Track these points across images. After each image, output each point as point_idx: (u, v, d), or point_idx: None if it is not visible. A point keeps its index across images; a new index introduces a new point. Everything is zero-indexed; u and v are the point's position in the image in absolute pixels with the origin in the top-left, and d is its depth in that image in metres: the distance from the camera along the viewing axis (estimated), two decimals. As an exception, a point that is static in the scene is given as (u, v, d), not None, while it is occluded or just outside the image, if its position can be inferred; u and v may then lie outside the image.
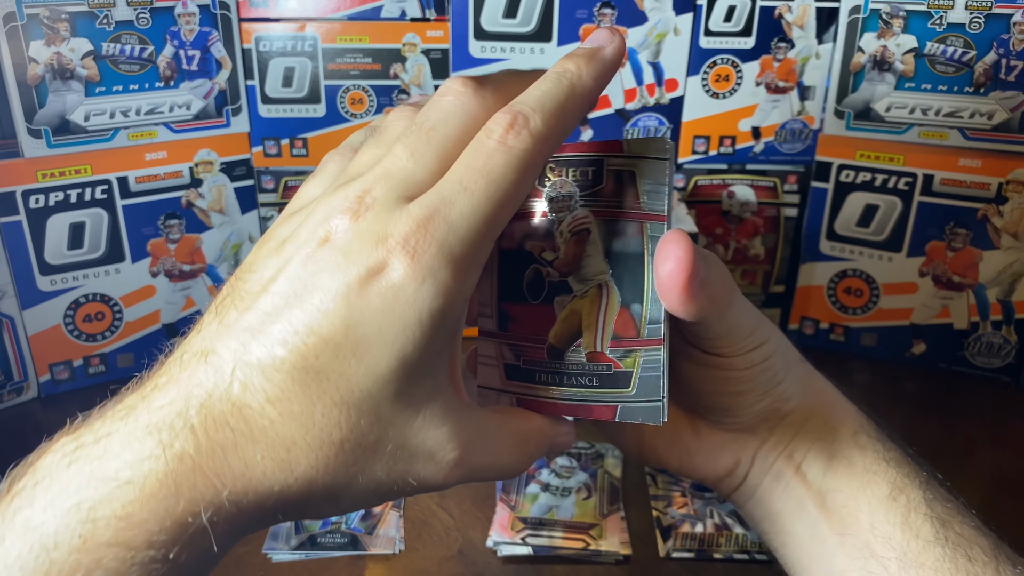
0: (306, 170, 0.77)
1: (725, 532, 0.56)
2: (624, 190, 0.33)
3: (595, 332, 0.34)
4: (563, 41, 0.73)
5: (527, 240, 0.34)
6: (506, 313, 0.34)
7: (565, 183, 0.34)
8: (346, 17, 0.72)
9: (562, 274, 0.34)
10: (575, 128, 0.34)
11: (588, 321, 0.34)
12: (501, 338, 0.35)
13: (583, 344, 0.34)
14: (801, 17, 0.74)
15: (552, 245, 0.34)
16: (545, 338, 0.34)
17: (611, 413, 0.34)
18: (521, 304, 0.34)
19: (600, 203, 0.33)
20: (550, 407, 0.34)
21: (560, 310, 0.34)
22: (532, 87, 0.30)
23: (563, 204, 0.34)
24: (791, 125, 0.78)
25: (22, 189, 0.66)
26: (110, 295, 0.72)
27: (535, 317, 0.34)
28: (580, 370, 0.34)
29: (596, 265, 0.33)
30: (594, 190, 0.33)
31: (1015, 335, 0.74)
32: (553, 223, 0.34)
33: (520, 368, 0.34)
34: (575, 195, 0.34)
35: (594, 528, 0.56)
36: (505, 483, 0.60)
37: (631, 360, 0.33)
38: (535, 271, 0.34)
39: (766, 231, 0.82)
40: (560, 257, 0.34)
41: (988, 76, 0.69)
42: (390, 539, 0.55)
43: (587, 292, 0.34)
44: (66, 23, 0.65)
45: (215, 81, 0.72)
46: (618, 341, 0.33)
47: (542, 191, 0.34)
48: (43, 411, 0.70)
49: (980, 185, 0.71)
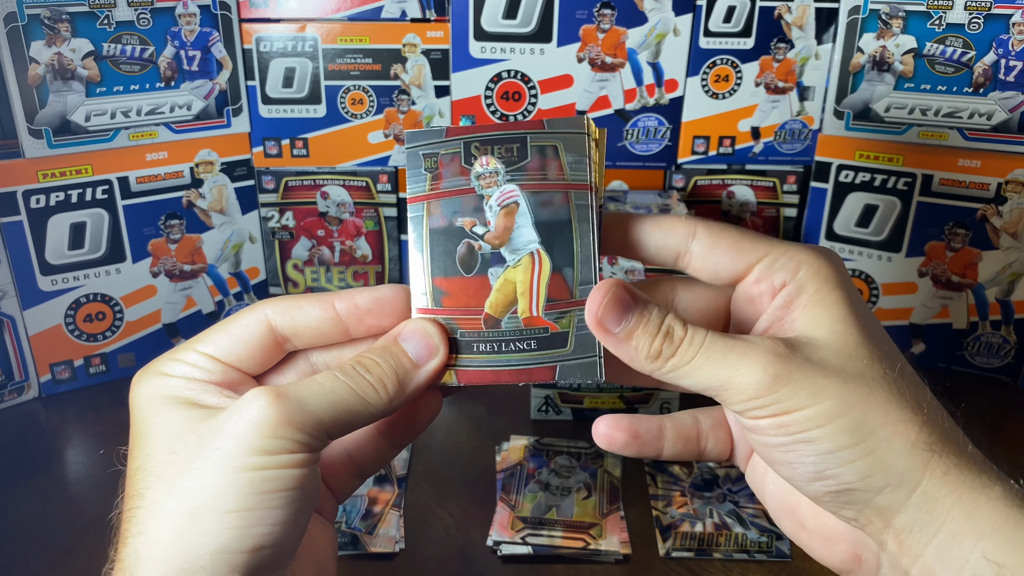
0: (306, 170, 0.77)
1: (724, 531, 0.56)
2: (548, 163, 0.35)
3: (530, 297, 0.35)
4: (563, 41, 0.73)
5: (456, 216, 0.36)
6: (439, 289, 0.36)
7: (491, 160, 0.36)
8: (346, 18, 0.72)
9: (494, 246, 0.36)
10: None
11: (523, 288, 0.35)
12: (436, 314, 0.36)
13: (519, 310, 0.35)
14: (800, 17, 0.74)
15: (482, 219, 0.36)
16: (481, 309, 0.35)
17: (551, 374, 0.35)
18: (454, 278, 0.36)
19: (526, 177, 0.36)
20: (492, 375, 0.36)
21: (495, 280, 0.36)
22: None
23: (490, 180, 0.36)
24: (790, 125, 0.78)
25: (23, 189, 0.66)
26: (111, 295, 0.73)
27: (470, 290, 0.36)
28: (518, 336, 0.35)
29: (527, 235, 0.35)
30: (519, 165, 0.36)
31: (1014, 335, 0.74)
32: (481, 198, 0.36)
33: (457, 340, 0.35)
34: (501, 171, 0.36)
35: (594, 528, 0.56)
36: (505, 483, 0.60)
37: (566, 320, 0.35)
38: (467, 245, 0.36)
39: (766, 231, 0.82)
40: (491, 230, 0.36)
41: (987, 76, 0.69)
42: (390, 539, 0.55)
43: (520, 261, 0.35)
44: (67, 23, 0.65)
45: (216, 81, 0.72)
46: (553, 304, 0.35)
47: (469, 170, 0.36)
48: (44, 411, 0.70)
49: (979, 185, 0.71)
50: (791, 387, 0.31)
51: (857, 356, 0.32)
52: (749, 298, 0.35)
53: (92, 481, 0.61)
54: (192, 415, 0.32)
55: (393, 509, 0.58)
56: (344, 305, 0.35)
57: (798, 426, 0.31)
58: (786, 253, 0.34)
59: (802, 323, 0.33)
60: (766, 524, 0.57)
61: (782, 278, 0.33)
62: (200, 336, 0.35)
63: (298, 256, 0.80)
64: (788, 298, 0.33)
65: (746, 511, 0.58)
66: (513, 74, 0.75)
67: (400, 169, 0.77)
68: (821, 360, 0.31)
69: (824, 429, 0.31)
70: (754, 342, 0.32)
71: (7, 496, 0.59)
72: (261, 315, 0.35)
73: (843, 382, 0.31)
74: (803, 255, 0.34)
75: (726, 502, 0.59)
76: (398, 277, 0.81)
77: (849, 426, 0.30)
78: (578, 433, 0.66)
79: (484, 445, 0.65)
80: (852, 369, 0.31)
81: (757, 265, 0.34)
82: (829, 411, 0.31)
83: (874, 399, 0.31)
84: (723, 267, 0.35)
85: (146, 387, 0.34)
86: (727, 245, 0.34)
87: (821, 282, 0.33)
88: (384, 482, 0.60)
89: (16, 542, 0.55)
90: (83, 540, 0.55)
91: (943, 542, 0.30)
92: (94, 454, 0.65)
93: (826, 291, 0.33)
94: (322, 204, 0.78)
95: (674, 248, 0.35)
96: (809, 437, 0.31)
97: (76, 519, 0.57)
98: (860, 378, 0.31)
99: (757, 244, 0.34)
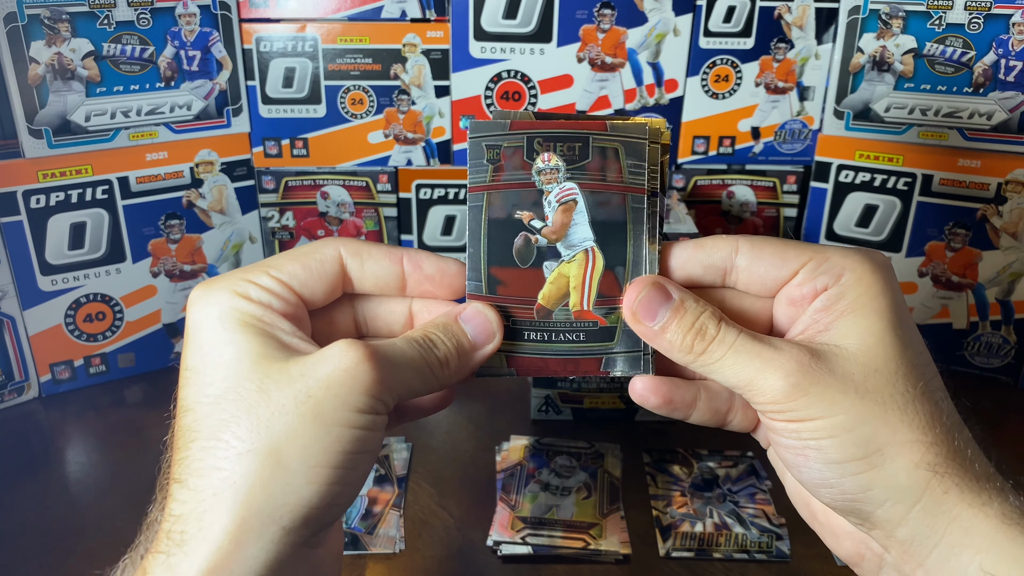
0: (306, 170, 0.77)
1: (724, 532, 0.56)
2: (608, 165, 0.37)
3: (582, 292, 0.37)
4: (563, 41, 0.73)
5: (516, 209, 0.37)
6: (495, 278, 0.37)
7: (552, 156, 0.37)
8: (346, 18, 0.72)
9: (550, 241, 0.37)
10: None
11: (576, 282, 0.37)
12: (490, 301, 0.37)
13: (570, 303, 0.37)
14: (800, 17, 0.74)
15: (540, 214, 0.37)
16: (534, 299, 0.37)
17: (596, 365, 0.37)
18: (510, 268, 0.37)
19: (586, 176, 0.37)
20: (540, 363, 0.37)
21: (549, 273, 0.37)
22: None
23: (551, 176, 0.37)
24: (790, 125, 0.78)
25: (23, 189, 0.66)
26: (111, 295, 0.73)
27: (524, 281, 0.37)
28: (568, 327, 0.37)
29: (582, 232, 0.37)
30: (580, 164, 0.37)
31: (1014, 335, 0.74)
32: (541, 193, 0.37)
33: (509, 328, 0.37)
34: (562, 168, 0.37)
35: (594, 528, 0.56)
36: (505, 483, 0.60)
37: (615, 316, 0.37)
38: (524, 238, 0.37)
39: (766, 231, 0.82)
40: (549, 225, 0.37)
41: (987, 76, 0.69)
42: (390, 539, 0.55)
43: (574, 256, 0.37)
44: (67, 23, 0.65)
45: (216, 81, 0.72)
46: (603, 300, 0.37)
47: (530, 164, 0.37)
48: (44, 411, 0.70)
49: (979, 185, 0.71)
50: (808, 398, 0.32)
51: (882, 372, 0.32)
52: (791, 299, 0.35)
53: (92, 481, 0.61)
54: (274, 349, 0.31)
55: (393, 509, 0.58)
56: (411, 265, 0.36)
57: (810, 434, 0.32)
58: (831, 257, 0.34)
59: (836, 330, 0.33)
60: (766, 524, 0.57)
61: (824, 281, 0.34)
62: (272, 261, 0.34)
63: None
64: (828, 302, 0.34)
65: (746, 511, 0.58)
66: (513, 74, 0.75)
67: (400, 169, 0.77)
68: (844, 373, 0.32)
69: (833, 440, 0.32)
70: (781, 349, 0.33)
71: (7, 496, 0.59)
72: (336, 252, 0.35)
73: (859, 398, 0.32)
74: (848, 260, 0.34)
75: (726, 502, 0.59)
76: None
77: (857, 440, 0.32)
78: (578, 433, 0.66)
79: (484, 445, 0.65)
80: (872, 385, 0.32)
81: (802, 268, 0.34)
82: (841, 424, 0.32)
83: (886, 417, 0.32)
84: (770, 276, 0.35)
85: (217, 306, 0.32)
86: (771, 254, 0.35)
87: (862, 289, 0.33)
88: (384, 482, 0.60)
89: (16, 542, 0.55)
90: (83, 540, 0.55)
91: (943, 553, 0.31)
92: (94, 454, 0.65)
93: (865, 299, 0.33)
94: (322, 204, 0.78)
95: (720, 266, 0.36)
96: (819, 446, 0.32)
97: (76, 519, 0.57)
98: (877, 395, 0.32)
99: (802, 249, 0.35)
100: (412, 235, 0.79)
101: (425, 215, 0.79)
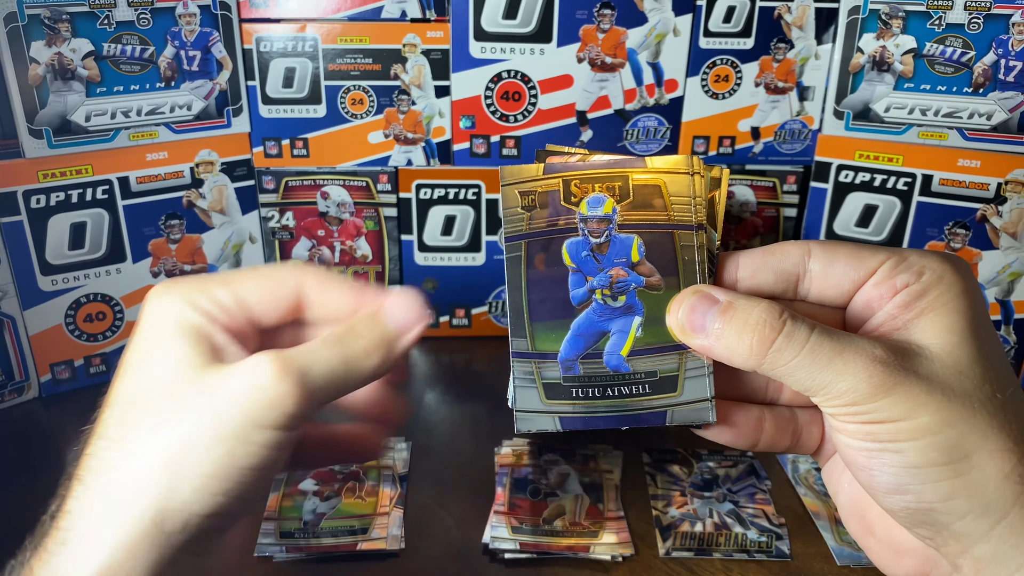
0: (306, 170, 0.77)
1: (724, 531, 0.56)
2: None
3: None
4: (563, 41, 0.73)
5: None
6: None
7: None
8: (346, 18, 0.72)
9: None
10: None
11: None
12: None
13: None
14: (800, 17, 0.74)
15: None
16: None
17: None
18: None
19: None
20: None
21: None
22: None
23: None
24: (790, 125, 0.78)
25: (23, 189, 0.66)
26: (111, 295, 0.73)
27: None
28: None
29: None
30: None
31: (1014, 335, 0.74)
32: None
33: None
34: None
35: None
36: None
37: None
38: None
39: (765, 231, 0.82)
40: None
41: (987, 76, 0.69)
42: (390, 539, 0.55)
43: None
44: (67, 23, 0.65)
45: (216, 81, 0.72)
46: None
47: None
48: (44, 411, 0.70)
49: (979, 185, 0.71)
50: (890, 399, 0.30)
51: (968, 374, 0.30)
52: (866, 300, 0.33)
53: (92, 481, 0.61)
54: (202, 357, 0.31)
55: (393, 509, 0.58)
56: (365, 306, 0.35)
57: (889, 436, 0.30)
58: (909, 256, 0.33)
59: (917, 328, 0.32)
60: (766, 524, 0.57)
61: (905, 279, 0.32)
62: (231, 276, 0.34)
63: (298, 256, 0.80)
64: (909, 299, 0.32)
65: (746, 511, 0.58)
66: (513, 74, 0.75)
67: (400, 169, 0.77)
68: (928, 373, 0.30)
69: (915, 443, 0.30)
70: (861, 347, 0.30)
71: (7, 496, 0.59)
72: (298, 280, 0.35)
73: (946, 399, 0.30)
74: (928, 259, 0.32)
75: (726, 502, 0.59)
76: (398, 278, 0.81)
77: (942, 445, 0.29)
78: (578, 433, 0.66)
79: (484, 445, 0.65)
80: (959, 387, 0.30)
81: (879, 268, 0.33)
82: (925, 426, 0.30)
83: (975, 422, 0.30)
84: (847, 278, 0.33)
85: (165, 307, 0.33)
86: (846, 256, 0.33)
87: (944, 288, 0.32)
88: (385, 482, 0.60)
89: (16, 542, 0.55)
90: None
91: None
92: (94, 454, 0.65)
93: (948, 298, 0.31)
94: (322, 204, 0.78)
95: (792, 272, 0.34)
96: (898, 448, 0.30)
97: (76, 519, 0.57)
98: (965, 398, 0.30)
99: (877, 249, 0.33)
100: (412, 235, 0.79)
101: (425, 215, 0.79)
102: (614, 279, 0.34)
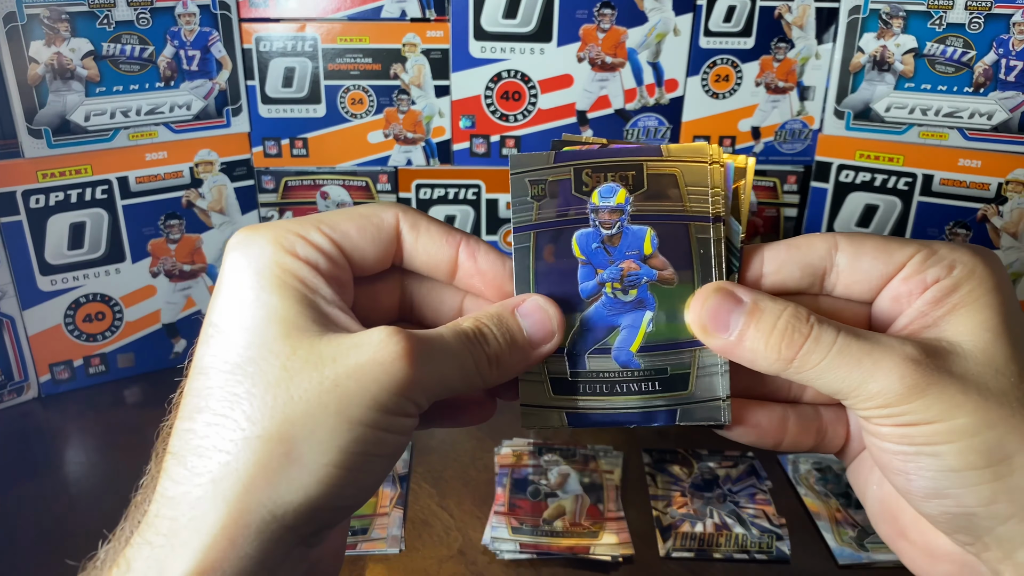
0: (306, 170, 0.77)
1: (725, 532, 0.56)
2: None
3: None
4: (563, 41, 0.73)
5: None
6: None
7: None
8: (346, 17, 0.72)
9: None
10: None
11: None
12: None
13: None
14: (801, 17, 0.74)
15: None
16: None
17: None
18: None
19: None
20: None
21: None
22: None
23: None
24: (791, 125, 0.78)
25: (22, 189, 0.66)
26: (110, 295, 0.73)
27: None
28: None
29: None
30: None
31: (1015, 335, 0.74)
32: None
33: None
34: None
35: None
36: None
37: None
38: None
39: (766, 231, 0.82)
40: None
41: (988, 76, 0.69)
42: (390, 539, 0.55)
43: None
44: (66, 23, 0.65)
45: (215, 81, 0.72)
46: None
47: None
48: (43, 411, 0.70)
49: (980, 185, 0.71)
50: (925, 400, 0.28)
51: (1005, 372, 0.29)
52: (894, 296, 0.32)
53: (91, 482, 0.61)
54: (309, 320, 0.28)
55: (393, 509, 0.58)
56: (466, 253, 0.33)
57: (925, 439, 0.29)
58: (940, 250, 0.31)
59: (949, 325, 0.30)
60: (766, 524, 0.57)
61: (935, 274, 0.31)
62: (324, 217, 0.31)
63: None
64: (940, 294, 0.30)
65: (746, 511, 0.58)
66: (513, 74, 0.75)
67: (400, 169, 0.77)
68: (963, 372, 0.29)
69: (953, 446, 0.28)
70: (891, 347, 0.29)
71: (7, 496, 0.59)
72: (394, 218, 0.32)
73: (983, 399, 0.28)
74: (958, 253, 0.31)
75: (726, 502, 0.59)
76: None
77: (982, 447, 0.28)
78: (578, 433, 0.66)
79: (484, 445, 0.65)
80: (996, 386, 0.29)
81: (908, 262, 0.31)
82: (962, 428, 0.28)
83: (1014, 422, 0.28)
84: (876, 272, 0.32)
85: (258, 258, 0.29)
86: (874, 248, 0.32)
87: (976, 283, 0.30)
88: (385, 482, 0.60)
89: (16, 543, 0.55)
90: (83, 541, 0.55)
91: None
92: (94, 454, 0.65)
93: (980, 293, 0.30)
94: (322, 204, 0.78)
95: (819, 265, 0.32)
96: (935, 451, 0.29)
97: (76, 520, 0.57)
98: (1003, 397, 0.28)
99: (906, 242, 0.32)
100: (412, 235, 0.79)
101: (425, 215, 0.79)
102: (625, 272, 0.33)
